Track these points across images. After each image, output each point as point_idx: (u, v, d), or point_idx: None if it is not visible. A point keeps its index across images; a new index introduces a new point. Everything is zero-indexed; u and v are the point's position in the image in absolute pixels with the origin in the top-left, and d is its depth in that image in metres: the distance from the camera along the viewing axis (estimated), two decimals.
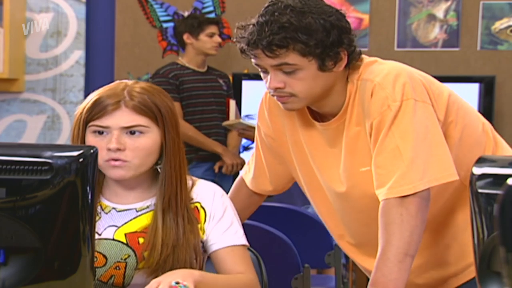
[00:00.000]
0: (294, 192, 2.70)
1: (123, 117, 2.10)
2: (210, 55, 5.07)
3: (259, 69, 2.19)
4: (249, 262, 2.19)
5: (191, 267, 2.12)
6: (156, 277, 2.06)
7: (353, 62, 2.20)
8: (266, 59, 2.13)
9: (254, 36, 2.12)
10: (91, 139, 2.12)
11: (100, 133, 2.11)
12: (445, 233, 2.29)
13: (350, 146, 2.21)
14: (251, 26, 2.14)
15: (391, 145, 2.10)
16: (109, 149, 2.09)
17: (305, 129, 2.30)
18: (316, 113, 2.28)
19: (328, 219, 2.40)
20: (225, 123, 5.01)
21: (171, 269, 2.07)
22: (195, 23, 5.04)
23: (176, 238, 2.11)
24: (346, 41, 2.16)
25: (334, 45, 2.13)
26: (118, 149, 2.09)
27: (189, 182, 2.20)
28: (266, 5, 2.17)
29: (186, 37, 5.04)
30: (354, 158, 2.21)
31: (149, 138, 2.12)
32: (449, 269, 2.30)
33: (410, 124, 2.10)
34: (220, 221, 2.18)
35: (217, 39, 5.04)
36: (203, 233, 2.17)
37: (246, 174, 2.54)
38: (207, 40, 5.02)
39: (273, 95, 2.20)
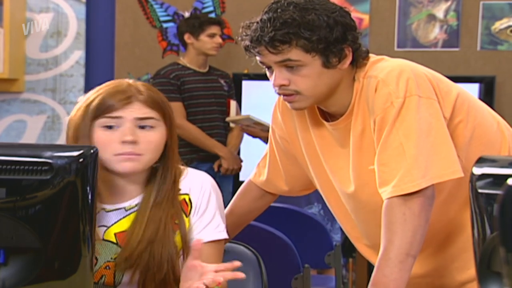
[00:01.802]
0: None
1: (136, 109, 2.10)
2: (210, 55, 5.07)
3: (264, 67, 2.19)
4: (221, 259, 2.17)
5: (172, 265, 2.10)
6: (134, 273, 2.07)
7: (360, 60, 2.20)
8: (270, 56, 2.13)
9: (257, 33, 2.13)
10: (99, 134, 2.09)
11: (110, 127, 2.10)
12: (461, 235, 2.27)
13: (357, 144, 2.20)
14: (255, 24, 2.15)
15: (394, 142, 2.10)
16: (123, 142, 2.07)
17: (317, 130, 2.30)
18: (327, 113, 2.28)
19: (344, 221, 2.39)
20: (230, 118, 5.01)
21: (146, 266, 2.07)
22: (196, 23, 5.04)
23: (155, 233, 2.10)
24: (350, 38, 2.15)
25: (338, 42, 2.13)
26: (133, 142, 2.08)
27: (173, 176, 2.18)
28: (269, 3, 2.18)
29: (187, 37, 5.04)
30: (362, 156, 2.21)
31: (159, 133, 2.12)
32: (469, 272, 2.27)
33: (414, 121, 2.09)
34: (203, 215, 2.17)
35: (218, 39, 5.03)
36: (188, 225, 2.16)
37: (256, 177, 2.52)
38: (207, 41, 5.02)
39: (279, 94, 2.20)
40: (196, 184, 2.19)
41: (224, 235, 2.18)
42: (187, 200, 2.17)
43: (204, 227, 2.16)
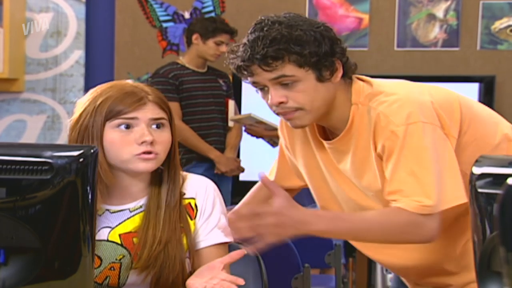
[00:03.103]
0: (302, 190, 2.72)
1: (150, 110, 2.12)
2: (209, 61, 5.08)
3: (257, 89, 2.19)
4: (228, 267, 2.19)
5: (182, 265, 2.13)
6: (147, 274, 2.07)
7: (349, 72, 2.20)
8: (264, 74, 2.13)
9: (247, 52, 2.12)
10: (114, 135, 2.11)
11: (125, 128, 2.11)
12: (459, 242, 2.28)
13: (357, 171, 2.21)
14: (241, 45, 2.15)
15: (406, 170, 2.10)
16: (143, 142, 2.09)
17: (317, 147, 2.30)
18: (328, 131, 2.28)
19: None
20: (232, 117, 5.01)
21: (161, 266, 2.09)
22: (211, 27, 5.00)
23: (170, 235, 2.12)
24: (338, 51, 2.16)
25: (327, 55, 2.14)
26: (151, 142, 2.10)
27: (180, 178, 2.21)
28: (253, 24, 2.18)
29: (195, 37, 5.02)
30: (361, 181, 2.22)
31: (169, 133, 2.16)
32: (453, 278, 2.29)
33: (421, 147, 2.09)
34: (209, 218, 2.19)
35: (223, 48, 5.01)
36: (193, 229, 2.18)
37: (268, 176, 2.53)
38: (213, 47, 5.00)
39: (278, 113, 2.19)
40: (201, 188, 2.21)
41: (230, 238, 2.20)
42: (192, 204, 2.19)
43: (211, 230, 2.18)
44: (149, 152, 2.10)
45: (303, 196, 3.55)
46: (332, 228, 2.09)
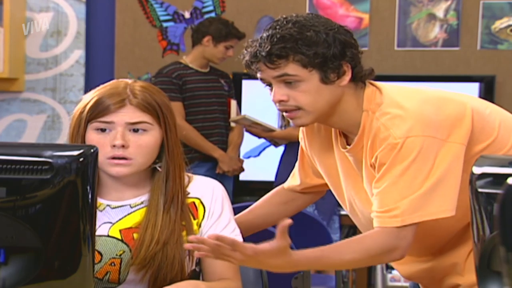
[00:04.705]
0: None
1: (128, 114, 2.12)
2: (214, 63, 5.08)
3: (265, 85, 2.20)
4: (238, 267, 2.19)
5: (181, 265, 2.13)
6: (145, 273, 2.08)
7: (359, 77, 2.18)
8: (268, 71, 2.14)
9: (255, 49, 2.15)
10: (93, 137, 2.12)
11: (103, 130, 2.12)
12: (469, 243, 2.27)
13: (369, 178, 2.21)
14: (254, 42, 2.17)
15: (389, 181, 2.10)
16: (113, 146, 2.10)
17: (338, 151, 2.30)
18: (345, 136, 2.26)
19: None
20: (231, 119, 5.02)
21: (159, 266, 2.09)
22: (224, 31, 5.00)
23: (169, 235, 2.12)
24: (349, 54, 2.15)
25: (335, 58, 2.12)
26: (122, 146, 2.09)
27: (186, 179, 2.22)
28: (271, 23, 2.20)
29: (206, 39, 5.01)
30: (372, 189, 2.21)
31: (152, 136, 2.14)
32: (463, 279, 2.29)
33: (411, 160, 2.08)
34: (219, 219, 2.19)
35: (230, 53, 5.02)
36: (199, 229, 2.18)
37: (290, 182, 2.53)
38: (222, 51, 5.01)
39: (280, 110, 2.20)
40: (207, 189, 2.21)
41: (240, 239, 2.19)
42: (197, 203, 2.20)
43: (221, 231, 2.18)
44: (122, 158, 2.11)
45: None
46: (306, 269, 2.13)
